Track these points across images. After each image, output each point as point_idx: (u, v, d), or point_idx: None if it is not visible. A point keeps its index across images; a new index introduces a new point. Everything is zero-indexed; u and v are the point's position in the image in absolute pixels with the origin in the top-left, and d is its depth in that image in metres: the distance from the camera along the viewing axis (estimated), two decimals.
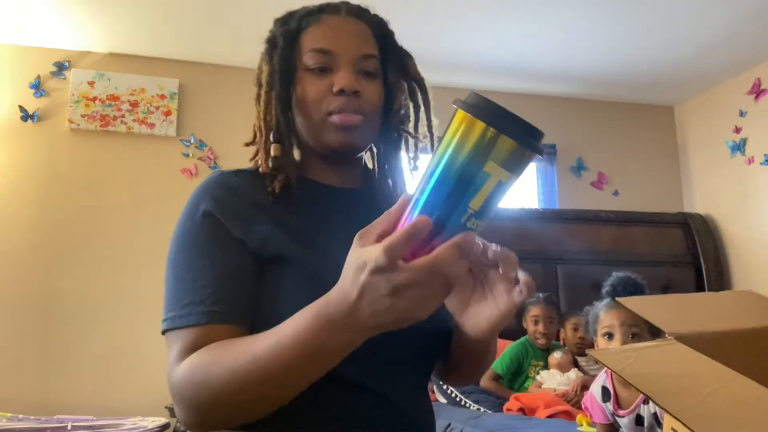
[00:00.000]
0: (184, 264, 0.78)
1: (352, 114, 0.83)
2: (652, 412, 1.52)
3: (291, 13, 0.91)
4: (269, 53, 0.89)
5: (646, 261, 3.34)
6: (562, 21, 2.99)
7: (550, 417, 2.17)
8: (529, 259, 3.14)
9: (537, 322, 2.70)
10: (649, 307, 0.68)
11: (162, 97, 3.29)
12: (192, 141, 3.33)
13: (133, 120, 3.24)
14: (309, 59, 0.85)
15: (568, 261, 3.28)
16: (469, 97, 0.54)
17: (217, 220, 0.79)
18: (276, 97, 0.86)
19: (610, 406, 1.61)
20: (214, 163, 3.33)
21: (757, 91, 3.48)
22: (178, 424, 2.53)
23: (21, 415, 2.50)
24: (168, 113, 3.29)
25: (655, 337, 1.56)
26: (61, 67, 3.22)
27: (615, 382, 1.61)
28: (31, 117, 3.14)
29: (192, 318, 0.73)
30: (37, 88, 3.18)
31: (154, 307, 0.87)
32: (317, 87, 0.84)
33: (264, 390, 0.65)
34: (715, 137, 3.76)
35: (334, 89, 0.83)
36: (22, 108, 3.14)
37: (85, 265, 3.06)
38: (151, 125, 3.26)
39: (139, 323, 2.97)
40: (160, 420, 2.47)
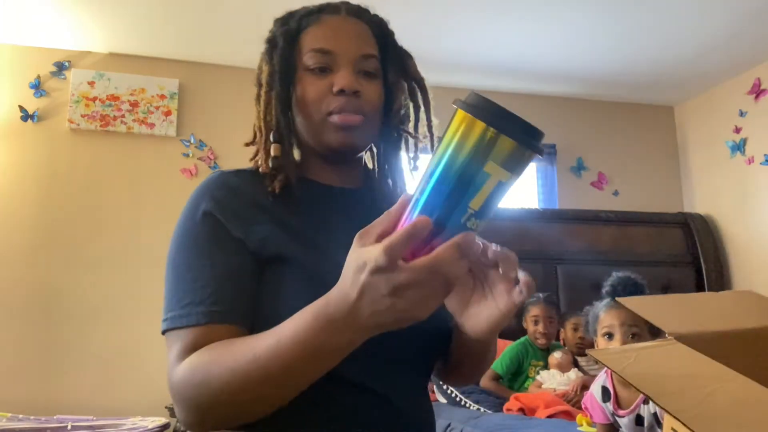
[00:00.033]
0: (184, 264, 0.78)
1: (352, 114, 0.83)
2: (652, 412, 1.52)
3: (291, 13, 0.91)
4: (269, 53, 0.89)
5: (646, 261, 3.34)
6: (562, 21, 2.99)
7: (550, 417, 2.17)
8: (529, 259, 3.14)
9: (537, 322, 2.70)
10: (649, 307, 0.68)
11: (162, 97, 3.29)
12: (192, 141, 3.33)
13: (133, 120, 3.24)
14: (309, 59, 0.85)
15: (568, 261, 3.28)
16: (469, 97, 0.54)
17: (217, 220, 0.79)
18: (276, 97, 0.86)
19: (610, 406, 1.61)
20: (214, 163, 3.33)
21: (757, 91, 3.48)
22: (178, 424, 2.53)
23: (21, 415, 2.50)
24: (168, 113, 3.29)
25: (655, 337, 1.56)
26: (61, 67, 3.22)
27: (615, 382, 1.61)
28: (31, 117, 3.14)
29: (192, 318, 0.73)
30: (37, 88, 3.18)
31: (154, 307, 0.87)
32: (317, 87, 0.84)
33: (264, 390, 0.65)
34: (715, 137, 3.76)
35: (334, 89, 0.82)
36: (22, 108, 3.14)
37: (85, 265, 3.06)
38: (151, 125, 3.26)
39: (139, 323, 2.98)
40: (160, 420, 2.47)
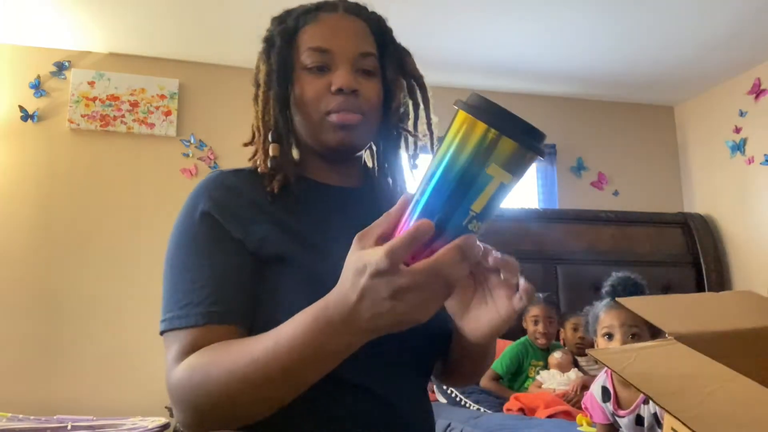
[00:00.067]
0: (183, 264, 0.77)
1: (350, 113, 0.82)
2: (652, 412, 1.52)
3: (288, 12, 0.90)
4: (267, 52, 0.88)
5: (646, 261, 3.34)
6: (562, 21, 2.99)
7: (550, 417, 2.17)
8: (529, 259, 3.14)
9: (537, 322, 2.69)
10: (649, 307, 0.68)
11: (162, 97, 3.29)
12: (192, 141, 3.33)
13: (133, 120, 3.24)
14: (307, 58, 0.84)
15: (568, 261, 3.28)
16: (471, 98, 0.53)
17: (216, 220, 0.78)
18: (274, 96, 0.86)
19: (610, 406, 1.61)
20: (214, 163, 3.33)
21: (757, 91, 3.47)
22: (178, 425, 2.53)
23: (21, 415, 2.50)
24: (168, 113, 3.29)
25: (655, 337, 1.56)
26: (61, 67, 3.22)
27: (615, 382, 1.61)
28: (31, 117, 3.14)
29: (191, 319, 0.73)
30: (37, 88, 3.18)
31: (154, 307, 0.87)
32: (315, 86, 0.83)
33: (263, 392, 0.65)
34: (715, 137, 3.76)
35: (333, 88, 0.82)
36: (22, 108, 3.14)
37: (85, 265, 3.06)
38: (151, 125, 3.26)
39: (139, 323, 2.97)
40: (160, 420, 2.47)
